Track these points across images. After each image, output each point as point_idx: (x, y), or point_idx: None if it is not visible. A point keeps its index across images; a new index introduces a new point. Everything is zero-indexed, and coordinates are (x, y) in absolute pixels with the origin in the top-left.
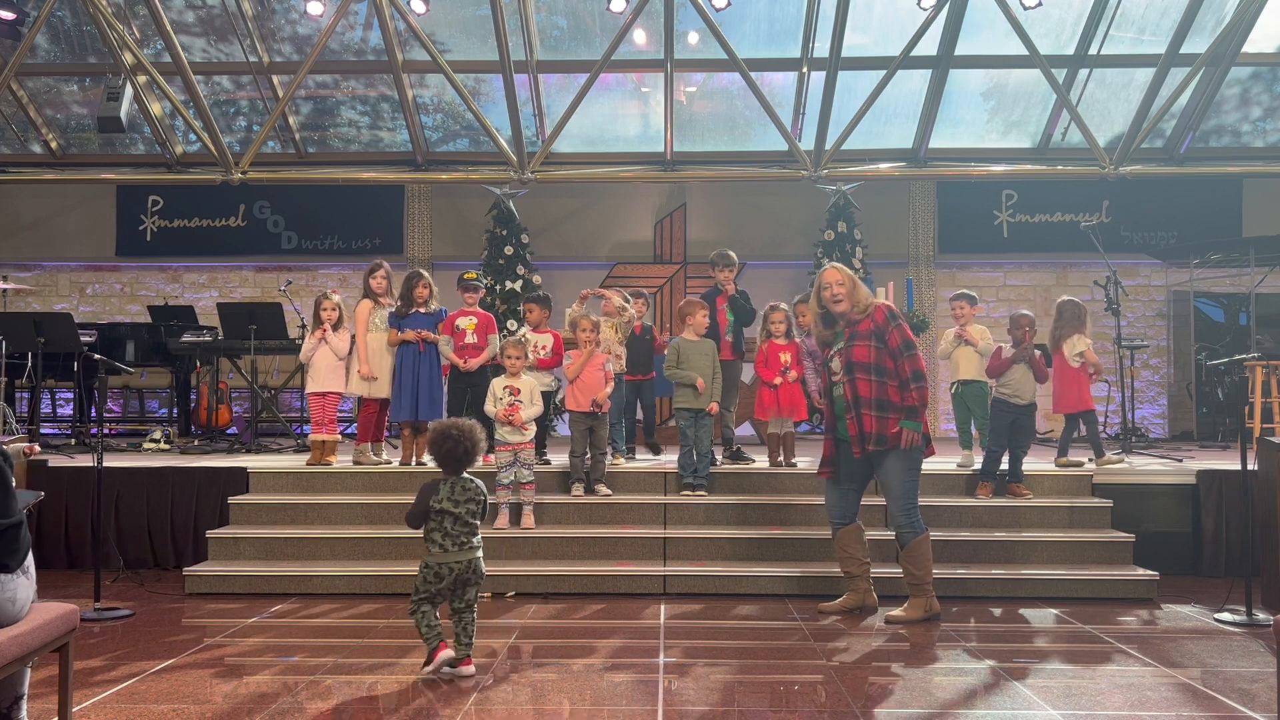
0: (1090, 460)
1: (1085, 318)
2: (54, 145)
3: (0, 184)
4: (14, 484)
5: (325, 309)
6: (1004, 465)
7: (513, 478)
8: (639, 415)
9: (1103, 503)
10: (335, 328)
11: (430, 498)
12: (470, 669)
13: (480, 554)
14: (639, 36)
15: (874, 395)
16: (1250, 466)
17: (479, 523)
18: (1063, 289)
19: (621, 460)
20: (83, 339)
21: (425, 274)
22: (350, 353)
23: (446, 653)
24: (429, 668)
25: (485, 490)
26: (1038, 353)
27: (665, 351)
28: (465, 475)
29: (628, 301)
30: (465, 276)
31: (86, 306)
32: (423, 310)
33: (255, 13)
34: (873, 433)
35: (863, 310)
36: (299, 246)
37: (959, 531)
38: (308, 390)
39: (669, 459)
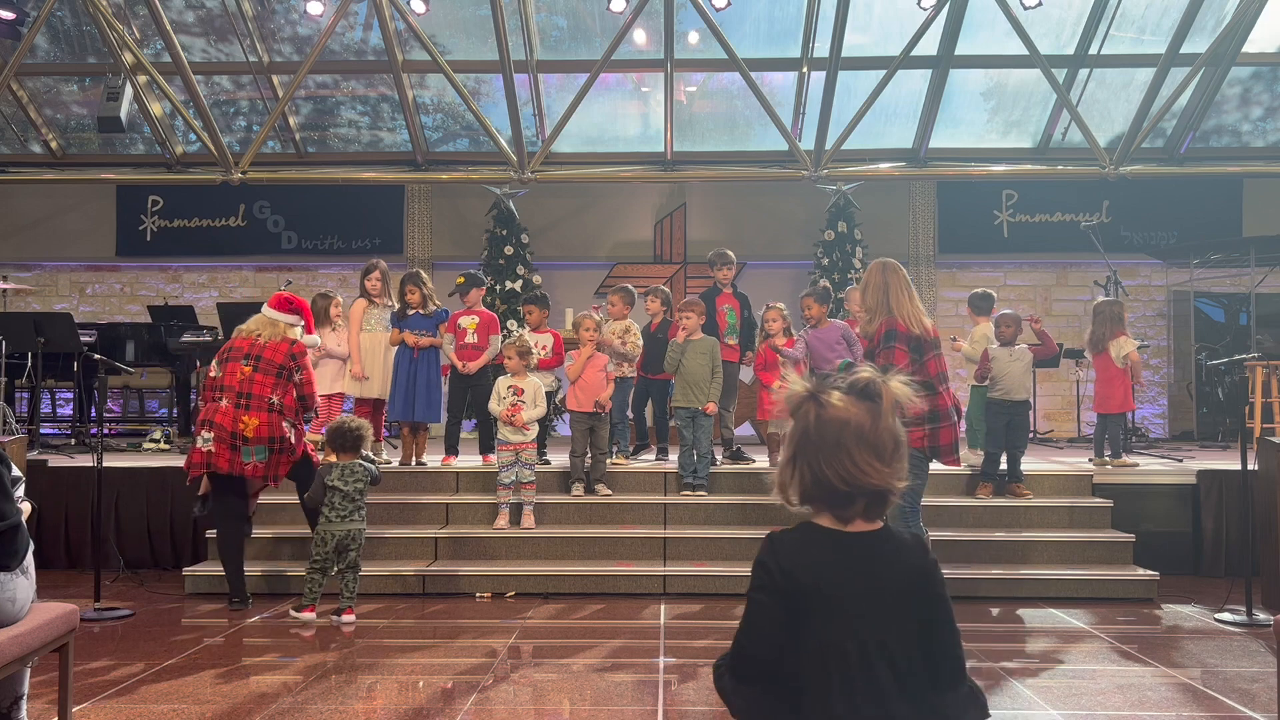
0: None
1: (1124, 317)
2: (54, 145)
3: (0, 184)
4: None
5: (333, 310)
6: (1003, 466)
7: (514, 477)
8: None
9: (1103, 503)
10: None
11: (325, 477)
12: (351, 618)
13: (361, 526)
14: (639, 36)
15: None
16: (1250, 466)
17: (363, 499)
18: (1063, 289)
19: (624, 460)
20: (83, 339)
21: (417, 278)
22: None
23: (311, 614)
24: (293, 613)
25: (374, 471)
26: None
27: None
28: (355, 460)
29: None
30: (457, 282)
31: (86, 306)
32: (422, 311)
33: (255, 13)
34: None
35: (868, 329)
36: (299, 246)
37: (959, 531)
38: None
39: (669, 459)
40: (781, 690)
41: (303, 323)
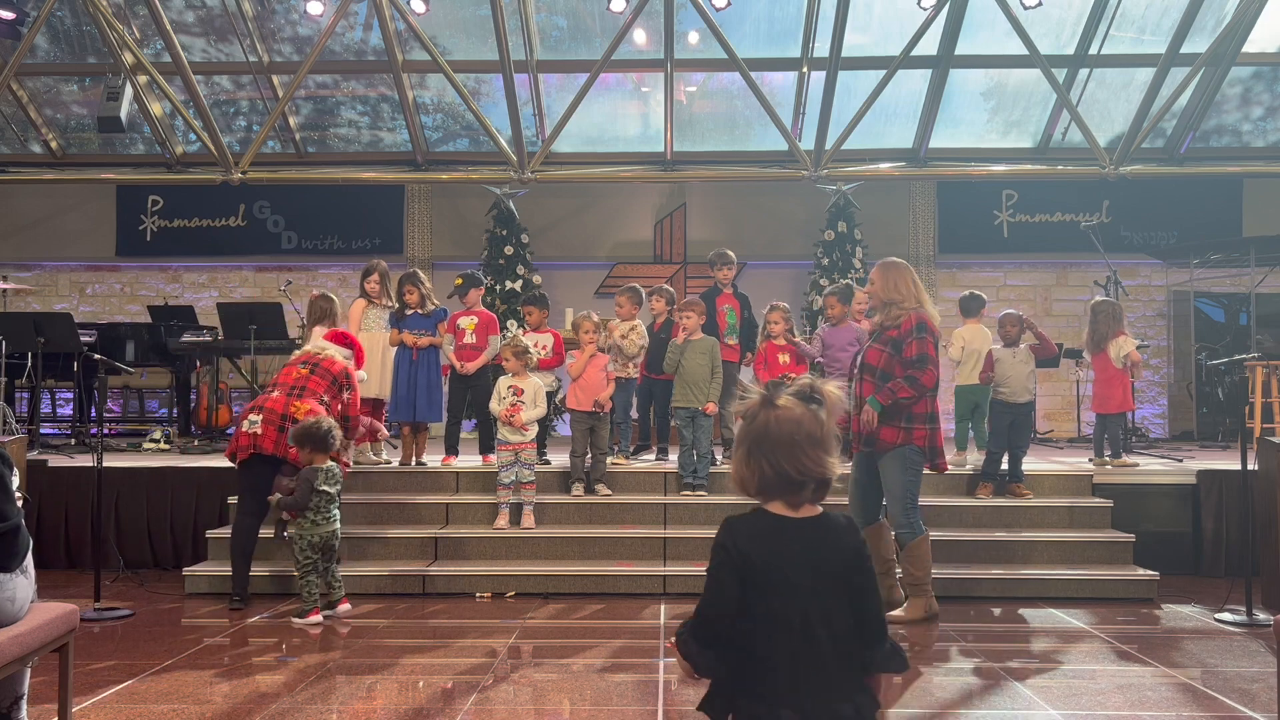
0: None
1: (1123, 316)
2: (54, 145)
3: (0, 184)
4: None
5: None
6: (1003, 466)
7: (514, 477)
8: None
9: (1103, 503)
10: None
11: (312, 483)
12: (346, 606)
13: (338, 524)
14: (639, 36)
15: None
16: (1250, 466)
17: (338, 499)
18: (1063, 289)
19: (624, 460)
20: (83, 339)
21: (415, 278)
22: None
23: (317, 617)
24: (299, 621)
25: (339, 470)
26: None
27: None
28: (329, 462)
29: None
30: (455, 282)
31: (86, 306)
32: (420, 311)
33: (255, 13)
34: (862, 434)
35: (894, 318)
36: (299, 246)
37: (959, 531)
38: None
39: (669, 459)
40: (736, 654)
41: (353, 356)
